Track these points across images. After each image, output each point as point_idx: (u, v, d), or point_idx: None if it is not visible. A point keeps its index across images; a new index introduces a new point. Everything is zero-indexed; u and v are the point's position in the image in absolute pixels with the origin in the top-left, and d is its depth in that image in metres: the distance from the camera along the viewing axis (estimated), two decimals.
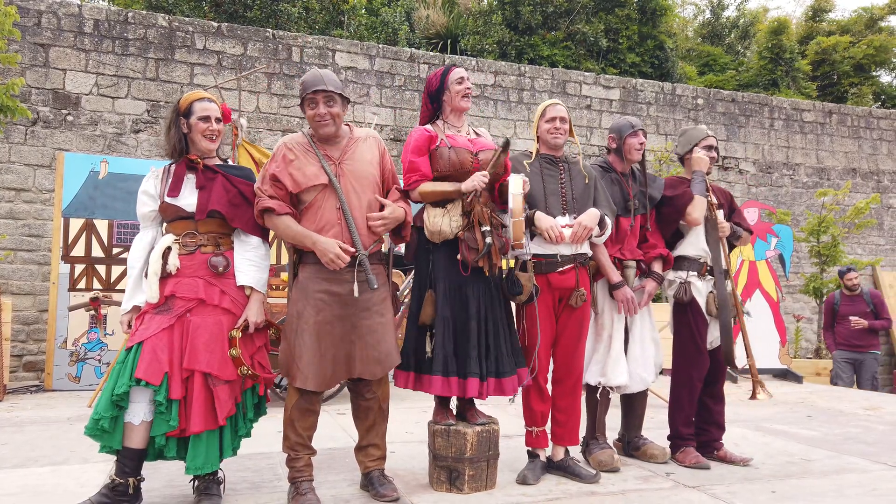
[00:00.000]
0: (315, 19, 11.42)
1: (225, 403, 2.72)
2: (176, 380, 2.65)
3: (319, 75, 2.94)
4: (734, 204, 4.03)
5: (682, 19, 18.37)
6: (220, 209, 2.84)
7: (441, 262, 3.12)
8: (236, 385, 2.80)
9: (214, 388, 2.70)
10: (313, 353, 2.84)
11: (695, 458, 3.62)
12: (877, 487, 3.31)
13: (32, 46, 7.76)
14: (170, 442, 2.74)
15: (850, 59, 15.95)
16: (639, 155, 3.71)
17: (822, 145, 11.70)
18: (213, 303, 2.79)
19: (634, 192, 3.73)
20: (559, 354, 3.39)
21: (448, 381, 3.02)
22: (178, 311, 2.75)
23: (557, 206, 3.36)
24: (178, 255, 2.82)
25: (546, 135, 3.46)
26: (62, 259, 6.28)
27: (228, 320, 2.82)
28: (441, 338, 3.05)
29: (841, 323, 7.65)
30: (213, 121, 2.90)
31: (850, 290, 7.64)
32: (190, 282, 2.79)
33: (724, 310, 3.66)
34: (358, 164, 2.99)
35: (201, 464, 2.71)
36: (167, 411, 2.63)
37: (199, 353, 2.69)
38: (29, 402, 5.63)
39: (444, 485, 3.08)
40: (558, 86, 10.18)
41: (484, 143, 3.25)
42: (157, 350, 2.64)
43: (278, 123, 8.69)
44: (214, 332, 2.76)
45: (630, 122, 3.73)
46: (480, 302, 3.11)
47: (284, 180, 2.90)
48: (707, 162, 3.77)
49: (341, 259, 2.79)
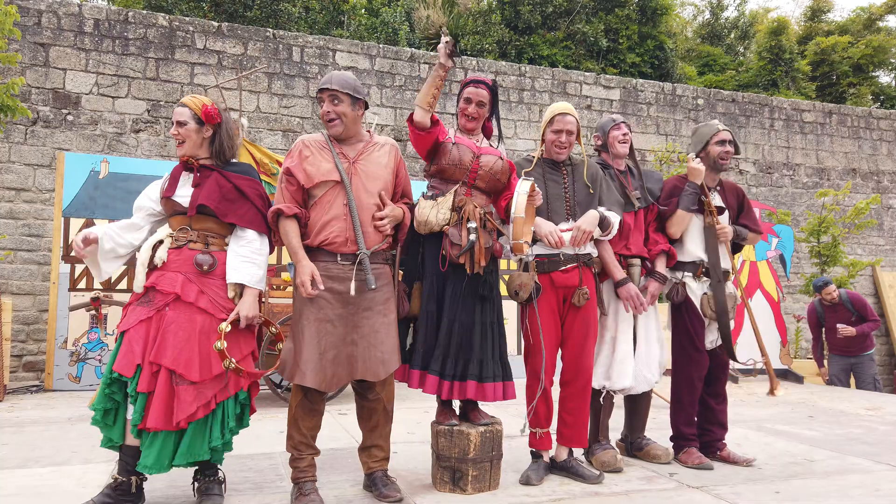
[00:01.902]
0: (315, 19, 11.42)
1: (186, 406, 2.60)
2: (145, 373, 2.61)
3: (329, 76, 2.97)
4: (746, 203, 3.96)
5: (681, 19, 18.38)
6: (208, 204, 2.81)
7: (429, 255, 3.12)
8: (207, 389, 2.68)
9: (177, 387, 2.62)
10: (312, 350, 2.83)
11: (698, 459, 3.62)
12: (880, 488, 3.30)
13: (32, 46, 7.75)
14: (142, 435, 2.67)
15: (849, 59, 15.97)
16: (624, 148, 3.72)
17: (822, 146, 11.71)
18: (188, 300, 2.73)
19: (634, 187, 3.72)
20: (567, 356, 3.37)
21: (424, 375, 3.03)
22: (157, 305, 2.72)
23: (561, 211, 3.36)
24: (168, 249, 2.81)
25: (550, 145, 3.45)
26: (62, 259, 6.27)
27: (204, 320, 2.73)
28: (423, 332, 3.05)
29: (830, 331, 7.41)
30: (175, 125, 2.92)
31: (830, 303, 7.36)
32: (171, 276, 2.76)
33: (722, 315, 3.65)
34: (372, 165, 3.00)
35: (151, 463, 2.59)
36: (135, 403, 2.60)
37: (166, 349, 2.63)
38: (29, 402, 5.62)
39: (448, 485, 3.08)
40: (558, 86, 10.17)
41: (489, 150, 3.24)
42: (132, 342, 2.63)
43: (279, 123, 8.68)
44: (187, 330, 2.68)
45: (612, 118, 3.78)
46: (458, 300, 3.08)
47: (298, 175, 2.92)
48: (701, 172, 3.68)
49: (304, 288, 2.77)
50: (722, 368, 3.79)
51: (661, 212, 3.75)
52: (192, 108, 2.91)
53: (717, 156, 3.79)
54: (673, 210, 3.68)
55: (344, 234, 2.88)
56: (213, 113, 2.91)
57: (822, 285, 7.42)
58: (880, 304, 11.28)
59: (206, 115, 2.90)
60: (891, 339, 11.14)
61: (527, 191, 3.03)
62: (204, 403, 2.66)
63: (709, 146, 3.82)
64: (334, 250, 2.90)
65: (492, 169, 3.17)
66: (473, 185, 3.16)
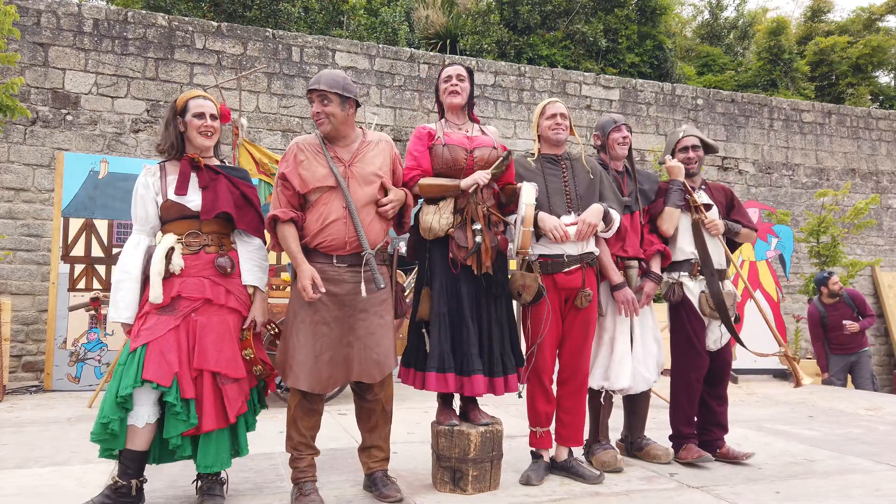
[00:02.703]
0: (315, 19, 11.42)
1: (234, 401, 2.74)
2: (187, 380, 2.64)
3: (319, 75, 2.95)
4: (735, 201, 4.00)
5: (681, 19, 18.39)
6: (229, 211, 2.86)
7: (437, 259, 3.13)
8: (245, 383, 2.82)
9: (223, 386, 2.72)
10: (307, 352, 2.84)
11: (697, 453, 3.62)
12: (880, 488, 3.30)
13: (32, 46, 7.74)
14: (184, 441, 2.73)
15: (848, 59, 15.98)
16: (623, 150, 3.75)
17: (821, 146, 11.71)
18: (219, 302, 2.79)
19: (630, 190, 3.74)
20: (564, 355, 3.38)
21: (445, 377, 3.01)
22: (183, 311, 2.73)
23: (562, 205, 3.35)
24: (182, 255, 2.80)
25: (548, 131, 3.45)
26: (62, 259, 6.26)
27: (234, 319, 2.84)
28: (437, 334, 3.04)
29: (832, 331, 7.39)
30: (208, 117, 2.89)
31: (834, 296, 7.34)
32: (195, 282, 2.78)
33: (722, 310, 3.65)
34: (368, 167, 2.98)
35: (212, 461, 2.73)
36: (183, 411, 2.62)
37: (207, 353, 2.70)
38: (28, 402, 5.61)
39: (448, 485, 3.08)
40: (558, 86, 10.17)
41: (482, 140, 3.23)
42: (164, 351, 2.62)
43: (278, 123, 8.67)
44: (221, 332, 2.77)
45: (612, 118, 3.78)
46: (475, 300, 3.10)
47: (293, 180, 2.92)
48: (680, 169, 3.77)
49: (306, 292, 2.78)
50: (724, 370, 3.79)
51: (650, 212, 3.78)
52: (214, 104, 2.95)
53: (682, 162, 3.86)
54: (661, 208, 3.71)
55: (343, 236, 2.87)
56: (226, 112, 3.00)
57: (825, 278, 7.40)
58: (879, 304, 11.28)
59: (223, 112, 2.95)
60: (890, 339, 11.15)
61: (533, 201, 3.04)
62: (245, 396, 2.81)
63: (675, 154, 3.90)
64: (331, 252, 2.89)
65: (487, 161, 3.17)
66: None
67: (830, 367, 7.52)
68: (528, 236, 3.04)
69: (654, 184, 3.86)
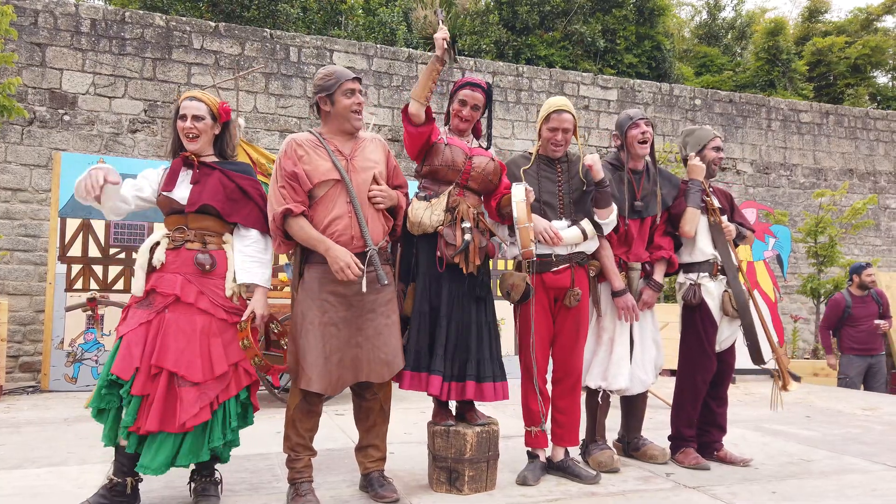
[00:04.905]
0: (313, 19, 11.42)
1: (189, 406, 2.58)
2: (142, 376, 2.59)
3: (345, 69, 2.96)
4: (734, 204, 4.02)
5: (679, 20, 18.41)
6: (213, 204, 2.80)
7: (423, 255, 3.12)
8: (210, 389, 2.66)
9: (179, 388, 2.60)
10: (317, 354, 2.82)
11: (695, 459, 3.61)
12: (877, 488, 3.30)
13: (29, 46, 7.73)
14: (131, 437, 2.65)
15: (846, 59, 16.00)
16: (644, 149, 3.59)
17: (819, 146, 11.73)
18: (188, 301, 2.71)
19: (645, 193, 3.63)
20: (557, 354, 3.38)
21: (418, 376, 3.01)
22: (157, 307, 2.70)
23: (555, 208, 3.35)
24: (165, 250, 2.79)
25: (546, 142, 3.43)
26: (59, 259, 6.25)
27: (204, 321, 2.72)
28: (416, 332, 3.04)
29: (853, 326, 7.06)
30: (190, 119, 2.84)
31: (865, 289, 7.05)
32: (170, 277, 2.74)
33: (744, 311, 3.63)
34: (368, 161, 2.98)
35: (149, 463, 2.57)
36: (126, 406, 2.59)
37: (168, 351, 2.62)
38: (25, 402, 5.61)
39: (444, 486, 3.07)
40: (556, 86, 10.18)
41: (481, 151, 3.25)
42: (131, 345, 2.61)
43: (276, 123, 8.67)
44: (187, 332, 2.67)
45: (629, 115, 3.64)
46: (455, 301, 3.08)
47: (299, 175, 2.87)
48: (703, 170, 3.69)
49: (351, 269, 2.75)
50: (727, 371, 3.78)
51: (671, 211, 3.70)
52: (208, 104, 2.88)
53: (712, 161, 3.81)
54: (683, 209, 3.64)
55: (349, 231, 2.85)
56: (228, 111, 2.93)
57: (861, 267, 7.13)
58: None
59: (222, 111, 2.91)
60: (888, 339, 11.15)
61: (523, 197, 3.03)
62: (207, 404, 2.64)
63: (705, 150, 3.81)
64: None
65: (484, 170, 3.18)
66: (466, 185, 3.17)
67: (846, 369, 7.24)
68: (526, 233, 3.03)
69: (673, 188, 3.72)
